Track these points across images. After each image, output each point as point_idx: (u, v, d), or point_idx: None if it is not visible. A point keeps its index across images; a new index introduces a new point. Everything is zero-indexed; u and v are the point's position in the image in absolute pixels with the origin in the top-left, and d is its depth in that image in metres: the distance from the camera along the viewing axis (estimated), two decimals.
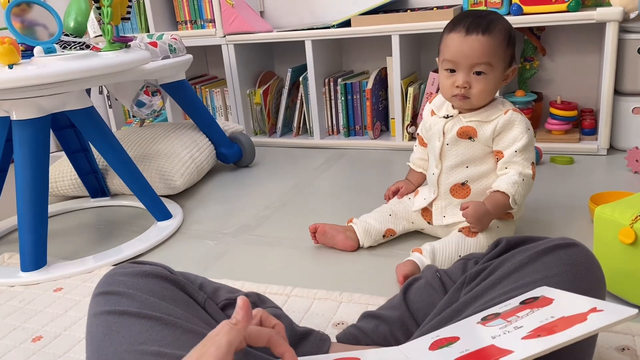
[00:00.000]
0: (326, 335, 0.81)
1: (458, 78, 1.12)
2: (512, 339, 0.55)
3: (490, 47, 1.10)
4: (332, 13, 2.32)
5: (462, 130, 1.19)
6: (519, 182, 1.14)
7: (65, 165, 1.79)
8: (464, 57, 1.11)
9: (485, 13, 1.15)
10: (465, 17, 1.13)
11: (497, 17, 1.14)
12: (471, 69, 1.11)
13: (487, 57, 1.10)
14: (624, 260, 0.94)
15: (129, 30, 2.47)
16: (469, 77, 1.12)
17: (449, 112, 1.21)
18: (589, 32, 1.99)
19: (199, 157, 1.83)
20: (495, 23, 1.12)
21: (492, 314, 0.64)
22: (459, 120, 1.19)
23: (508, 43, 1.14)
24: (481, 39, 1.10)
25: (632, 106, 1.80)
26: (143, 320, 0.68)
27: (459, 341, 0.61)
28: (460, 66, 1.12)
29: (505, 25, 1.13)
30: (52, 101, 1.32)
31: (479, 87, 1.12)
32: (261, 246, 1.39)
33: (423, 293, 0.83)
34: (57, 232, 1.61)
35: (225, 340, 0.54)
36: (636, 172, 1.63)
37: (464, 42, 1.10)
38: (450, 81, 1.14)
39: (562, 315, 0.56)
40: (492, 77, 1.13)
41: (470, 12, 1.18)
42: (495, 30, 1.11)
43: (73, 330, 1.07)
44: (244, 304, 0.55)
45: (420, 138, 1.35)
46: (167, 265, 0.82)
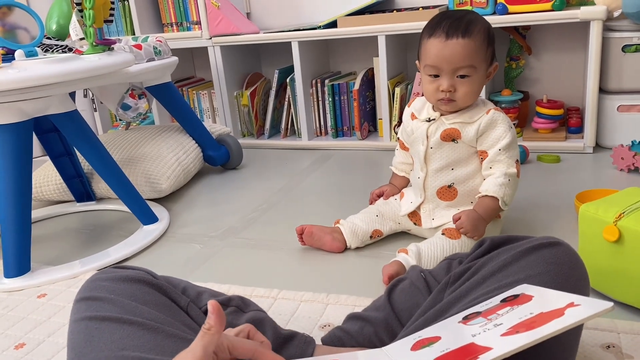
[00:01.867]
0: (310, 338, 0.81)
1: (442, 82, 1.12)
2: (491, 336, 0.56)
3: (472, 50, 1.10)
4: (319, 14, 2.31)
5: (445, 133, 1.18)
6: (505, 183, 1.14)
7: (50, 169, 1.77)
8: (446, 62, 1.10)
9: (462, 13, 1.14)
10: (443, 20, 1.12)
11: (475, 16, 1.13)
12: (455, 73, 1.11)
13: (470, 60, 1.10)
14: (608, 258, 0.94)
15: (114, 32, 2.45)
16: (453, 80, 1.12)
17: (431, 115, 1.21)
18: (574, 31, 2.00)
19: (185, 159, 1.82)
20: (474, 24, 1.11)
21: (473, 312, 0.65)
22: (442, 123, 1.19)
23: (488, 42, 1.14)
24: (462, 42, 1.09)
25: (617, 104, 1.81)
26: (124, 325, 0.67)
27: (440, 341, 0.61)
28: (444, 71, 1.11)
29: (483, 24, 1.13)
30: (34, 105, 1.31)
31: (464, 89, 1.12)
32: (248, 249, 1.38)
33: (407, 294, 0.82)
34: (42, 238, 1.59)
35: (200, 345, 0.54)
36: (621, 170, 1.64)
37: (445, 47, 1.10)
38: (434, 86, 1.14)
39: (540, 311, 0.57)
40: (476, 79, 1.13)
41: (446, 13, 1.16)
42: (475, 31, 1.11)
43: (57, 336, 1.05)
44: (215, 308, 0.55)
45: (401, 142, 1.34)
46: (150, 270, 0.81)
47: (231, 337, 0.58)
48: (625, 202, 0.95)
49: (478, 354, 0.52)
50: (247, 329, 0.62)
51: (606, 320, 0.91)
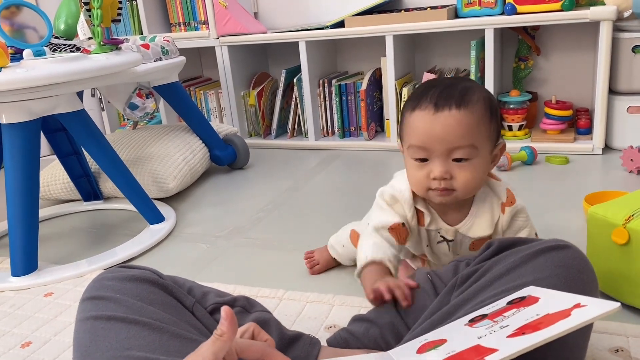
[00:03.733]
0: (316, 339, 0.81)
1: (434, 168, 0.84)
2: (497, 338, 0.55)
3: (470, 124, 0.83)
4: (326, 14, 2.31)
5: (473, 245, 0.95)
6: None
7: (58, 168, 1.78)
8: (437, 140, 0.83)
9: (455, 81, 0.88)
10: (431, 88, 0.86)
11: (471, 83, 0.88)
12: (449, 155, 0.84)
13: (469, 138, 0.83)
14: (617, 261, 0.93)
15: (122, 32, 2.46)
16: (448, 165, 0.84)
17: (444, 233, 0.94)
18: (583, 31, 1.98)
19: (192, 159, 1.82)
20: (471, 91, 0.85)
21: (479, 315, 0.65)
22: (463, 237, 0.94)
23: (492, 115, 0.86)
24: (457, 114, 0.82)
25: (626, 105, 1.79)
26: (130, 325, 0.67)
27: (446, 343, 0.61)
28: (434, 153, 0.84)
29: (483, 92, 0.87)
30: (42, 104, 1.31)
31: (463, 176, 0.85)
32: (254, 249, 1.38)
33: (414, 296, 0.82)
34: (49, 236, 1.60)
35: (211, 351, 0.54)
36: (631, 172, 1.63)
37: (434, 122, 0.83)
38: (422, 173, 0.86)
39: (546, 312, 0.56)
40: (478, 163, 0.85)
41: (435, 81, 0.91)
42: (473, 100, 0.84)
43: (63, 335, 1.06)
44: (228, 314, 0.55)
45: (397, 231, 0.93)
46: (156, 270, 0.81)
47: (239, 340, 0.58)
48: (634, 205, 0.94)
49: (484, 356, 0.52)
50: (252, 327, 0.62)
51: (615, 323, 0.90)
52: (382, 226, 0.92)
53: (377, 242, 0.91)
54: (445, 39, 2.16)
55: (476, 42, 1.89)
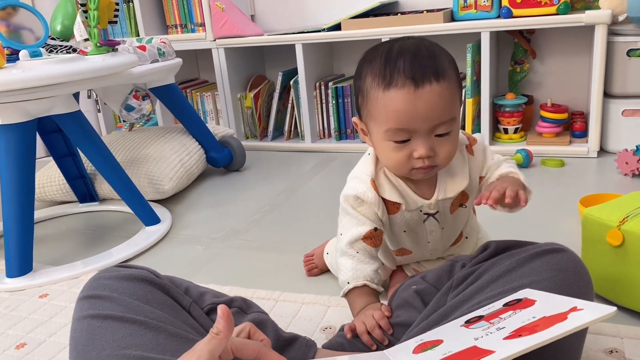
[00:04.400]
0: (312, 341, 0.81)
1: (418, 148, 0.79)
2: (494, 339, 0.56)
3: (451, 95, 0.78)
4: (323, 17, 2.31)
5: (453, 206, 0.91)
6: (514, 166, 0.91)
7: (53, 170, 1.78)
8: (421, 120, 0.77)
9: (413, 44, 0.80)
10: (397, 57, 0.78)
11: (432, 45, 0.82)
12: (432, 132, 0.79)
13: (451, 111, 0.79)
14: (611, 263, 0.93)
15: (119, 34, 2.46)
16: (431, 141, 0.79)
17: (425, 209, 0.90)
18: (579, 34, 1.99)
19: (188, 161, 1.82)
20: (438, 57, 0.79)
21: (475, 316, 0.65)
22: (444, 201, 0.90)
23: (458, 79, 0.83)
24: (438, 88, 0.76)
25: (621, 108, 1.80)
26: (127, 324, 0.67)
27: (442, 344, 0.61)
28: (417, 132, 0.78)
29: (445, 53, 0.82)
30: (38, 105, 1.31)
31: (445, 149, 0.81)
32: (250, 251, 1.37)
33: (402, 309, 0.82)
34: (45, 238, 1.59)
35: (206, 349, 0.54)
36: (626, 175, 1.63)
37: (417, 100, 0.76)
38: (403, 153, 0.80)
39: (543, 315, 0.57)
40: (455, 131, 0.82)
41: (392, 50, 0.80)
42: (446, 67, 0.79)
43: (58, 336, 1.05)
44: (225, 313, 0.55)
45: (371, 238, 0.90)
46: (153, 269, 0.81)
47: (235, 339, 0.58)
48: (629, 207, 0.94)
49: (480, 357, 0.52)
50: (248, 327, 0.62)
51: (609, 325, 0.91)
52: (354, 240, 0.89)
53: (354, 264, 0.89)
54: (441, 42, 2.13)
55: (472, 45, 1.90)
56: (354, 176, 0.92)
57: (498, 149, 1.93)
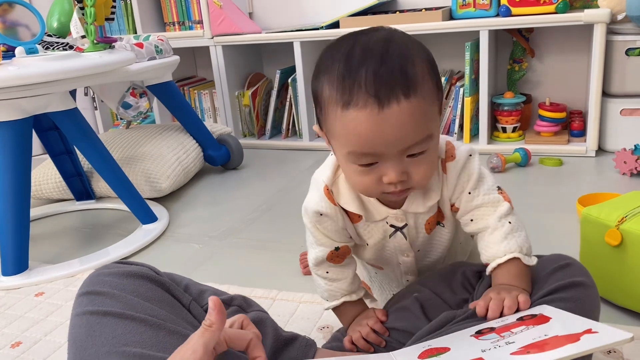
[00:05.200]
0: (312, 341, 0.80)
1: (387, 172, 0.65)
2: (501, 353, 0.54)
3: (425, 113, 0.64)
4: (321, 14, 2.31)
5: (429, 225, 0.78)
6: (508, 231, 0.73)
7: (50, 167, 1.77)
8: (388, 143, 0.63)
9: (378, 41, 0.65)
10: (359, 68, 0.63)
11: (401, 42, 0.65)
12: (403, 154, 0.65)
13: (425, 129, 0.64)
14: (610, 262, 0.93)
15: (116, 31, 2.45)
16: (403, 164, 0.66)
17: (393, 221, 0.77)
18: (577, 33, 1.99)
19: (185, 159, 1.82)
20: (412, 61, 0.63)
21: (487, 327, 0.63)
22: (416, 215, 0.76)
23: (437, 80, 0.68)
24: (408, 107, 0.62)
25: (620, 108, 1.80)
26: (126, 321, 0.66)
27: (448, 352, 0.60)
28: (385, 156, 0.65)
29: (421, 52, 0.66)
30: (34, 102, 1.30)
31: (421, 171, 0.67)
32: (247, 249, 1.37)
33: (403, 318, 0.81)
34: (41, 236, 1.58)
35: (201, 342, 0.54)
36: (624, 174, 1.63)
37: (382, 122, 0.62)
38: (370, 178, 0.67)
39: (555, 334, 0.55)
40: (434, 148, 0.68)
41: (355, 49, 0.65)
42: (419, 74, 0.63)
43: (53, 335, 1.05)
44: (216, 304, 0.55)
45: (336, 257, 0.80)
46: (153, 266, 0.80)
47: (228, 330, 0.58)
48: (627, 206, 0.94)
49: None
50: (241, 319, 0.62)
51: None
52: (319, 262, 0.81)
53: (327, 285, 0.82)
54: (440, 41, 2.15)
55: (471, 43, 1.90)
56: (313, 180, 0.80)
57: (496, 148, 1.92)
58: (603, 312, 0.94)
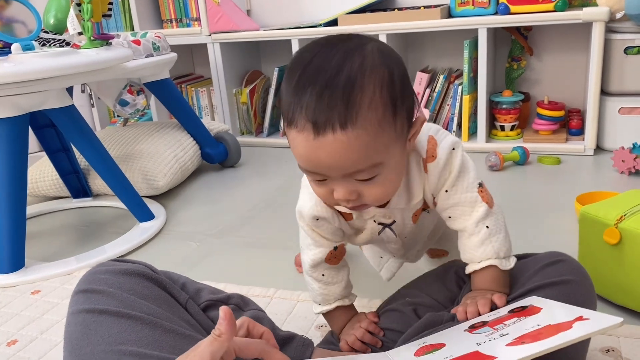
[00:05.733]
0: (309, 340, 0.80)
1: (336, 189, 0.65)
2: (496, 345, 0.55)
3: (366, 144, 0.61)
4: (319, 12, 2.30)
5: (415, 217, 0.79)
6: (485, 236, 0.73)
7: (46, 165, 1.76)
8: (327, 169, 0.63)
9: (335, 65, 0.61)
10: (304, 91, 0.60)
11: (359, 65, 0.61)
12: (350, 177, 0.64)
13: (367, 160, 0.62)
14: (608, 261, 0.93)
15: (113, 28, 2.44)
16: (351, 184, 0.64)
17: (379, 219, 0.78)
18: (576, 32, 1.98)
19: (183, 157, 1.81)
20: (358, 90, 0.60)
21: (480, 322, 0.64)
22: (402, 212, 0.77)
23: (394, 106, 0.63)
24: (343, 139, 0.60)
25: (618, 106, 1.80)
26: (123, 319, 0.66)
27: (444, 347, 0.60)
28: (330, 176, 0.64)
29: (377, 77, 0.61)
30: (30, 99, 1.29)
31: (373, 193, 0.66)
32: (245, 247, 1.36)
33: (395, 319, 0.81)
34: (38, 234, 1.58)
35: (208, 351, 0.53)
36: (622, 173, 1.63)
37: (318, 149, 0.61)
38: (324, 190, 0.67)
39: (548, 323, 0.56)
40: (388, 173, 0.65)
41: (308, 69, 0.62)
42: (364, 106, 0.60)
43: (49, 334, 1.04)
44: (227, 315, 0.54)
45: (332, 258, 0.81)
46: (150, 264, 0.80)
47: (237, 339, 0.58)
48: (626, 205, 0.94)
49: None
50: (246, 323, 0.61)
51: None
52: (316, 264, 0.81)
53: (321, 288, 0.82)
54: (438, 39, 2.15)
55: (469, 41, 1.89)
56: (304, 183, 0.79)
57: (495, 146, 1.92)
58: (601, 310, 0.94)
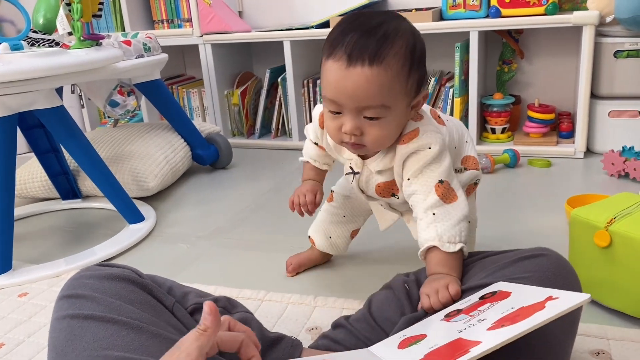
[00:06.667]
0: (298, 341, 0.79)
1: (345, 123, 0.81)
2: (477, 330, 0.57)
3: (383, 83, 0.77)
4: (311, 14, 2.30)
5: (380, 188, 0.94)
6: (430, 221, 0.83)
7: (35, 166, 1.74)
8: (347, 97, 0.79)
9: (377, 21, 0.80)
10: (350, 31, 0.79)
11: (395, 26, 0.80)
12: (360, 112, 0.80)
13: (380, 98, 0.78)
14: (598, 264, 0.93)
15: (104, 28, 2.42)
16: (359, 121, 0.81)
17: (353, 165, 0.95)
18: (567, 35, 2.00)
19: (173, 158, 1.80)
20: (390, 41, 0.78)
21: (454, 310, 0.66)
22: (369, 173, 0.93)
23: (411, 67, 0.80)
24: (368, 73, 0.76)
25: (608, 109, 1.81)
26: (108, 324, 0.65)
27: (426, 338, 0.61)
28: (346, 108, 0.80)
29: (406, 41, 0.80)
30: (18, 100, 1.28)
31: (373, 134, 0.81)
32: (236, 250, 1.36)
33: (389, 305, 0.81)
34: (26, 235, 1.56)
35: (195, 346, 0.54)
36: (612, 175, 1.64)
37: (346, 77, 0.77)
38: (335, 124, 0.83)
39: (521, 305, 0.58)
40: (390, 120, 0.81)
41: (356, 19, 0.81)
42: (390, 54, 0.77)
43: (37, 337, 1.03)
44: (212, 309, 0.55)
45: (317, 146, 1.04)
46: (136, 269, 0.79)
47: (219, 333, 0.58)
48: (617, 208, 0.94)
49: (468, 348, 0.52)
50: (227, 321, 0.62)
51: (596, 326, 0.91)
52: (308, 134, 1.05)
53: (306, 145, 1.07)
54: (430, 41, 2.14)
55: (461, 44, 1.90)
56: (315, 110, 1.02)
57: (486, 149, 1.93)
58: (590, 313, 0.95)
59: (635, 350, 0.85)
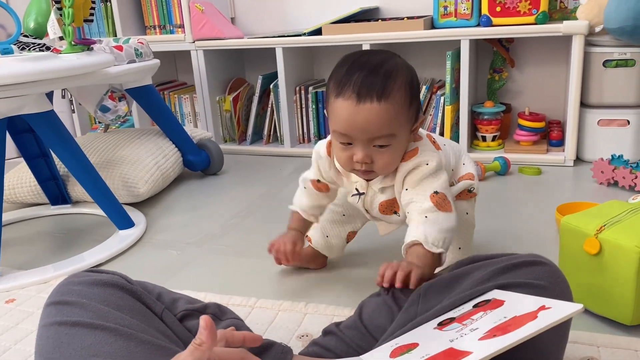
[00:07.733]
0: (288, 348, 0.79)
1: (356, 152, 0.91)
2: (469, 340, 0.56)
3: (390, 116, 0.88)
4: (304, 21, 2.31)
5: (383, 207, 1.04)
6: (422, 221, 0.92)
7: (24, 171, 1.73)
8: (359, 130, 0.89)
9: (377, 60, 0.90)
10: (355, 71, 0.89)
11: (394, 64, 0.91)
12: (370, 142, 0.90)
13: (389, 129, 0.89)
14: (588, 271, 0.94)
15: (95, 34, 2.42)
16: (369, 150, 0.91)
17: (359, 186, 1.04)
18: (557, 44, 2.02)
19: (164, 164, 1.79)
20: (392, 79, 0.88)
21: (447, 318, 0.66)
22: (374, 193, 1.03)
23: (412, 100, 0.91)
24: (377, 108, 0.87)
25: (597, 118, 1.82)
26: (96, 331, 0.65)
27: (418, 347, 0.61)
28: (357, 140, 0.90)
29: (405, 77, 0.91)
30: (8, 104, 1.27)
31: (383, 160, 0.92)
32: (226, 256, 1.35)
33: (380, 311, 0.81)
34: (14, 241, 1.54)
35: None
36: (601, 184, 1.65)
37: (357, 114, 0.87)
38: (346, 154, 0.93)
39: (514, 315, 0.58)
40: (397, 146, 0.93)
41: (358, 60, 0.91)
42: (394, 90, 0.88)
43: (24, 344, 1.02)
44: (208, 324, 0.54)
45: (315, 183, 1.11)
46: (125, 275, 0.78)
47: (217, 349, 0.57)
48: (606, 215, 0.95)
49: (460, 358, 0.52)
50: (225, 335, 0.61)
51: (586, 333, 0.91)
52: (307, 178, 1.11)
53: (299, 194, 1.13)
54: (421, 49, 2.17)
55: (452, 53, 1.91)
56: (316, 147, 1.08)
57: (476, 156, 1.94)
58: (580, 320, 0.95)
59: (624, 357, 0.85)
